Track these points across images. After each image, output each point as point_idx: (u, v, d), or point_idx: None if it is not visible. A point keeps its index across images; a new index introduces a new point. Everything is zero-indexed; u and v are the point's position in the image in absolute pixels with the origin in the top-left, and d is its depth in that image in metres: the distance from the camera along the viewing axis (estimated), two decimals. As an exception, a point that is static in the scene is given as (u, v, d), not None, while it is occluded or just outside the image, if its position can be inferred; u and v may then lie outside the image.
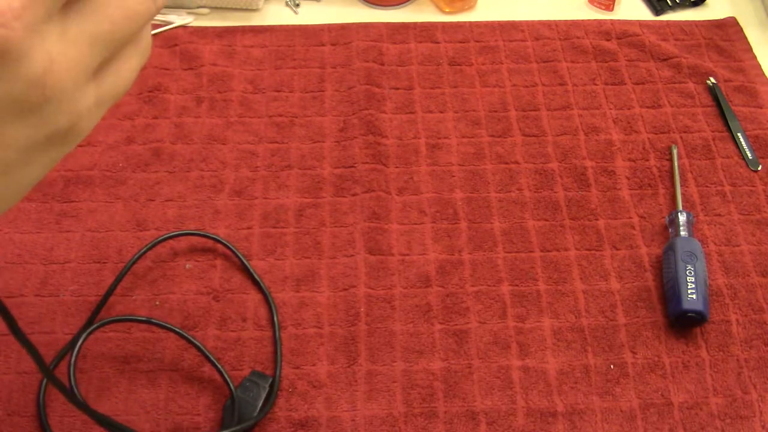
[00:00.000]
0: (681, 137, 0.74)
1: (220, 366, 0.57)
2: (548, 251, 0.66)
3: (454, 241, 0.66)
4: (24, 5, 0.23)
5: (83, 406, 0.42)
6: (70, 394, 0.40)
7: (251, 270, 0.63)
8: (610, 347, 0.61)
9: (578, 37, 0.82)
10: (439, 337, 0.61)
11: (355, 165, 0.71)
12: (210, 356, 0.58)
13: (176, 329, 0.58)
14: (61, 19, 0.25)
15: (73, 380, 0.53)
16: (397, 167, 0.71)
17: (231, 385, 0.57)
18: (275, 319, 0.61)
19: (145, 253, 0.64)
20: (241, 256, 0.64)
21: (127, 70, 0.29)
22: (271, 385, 0.57)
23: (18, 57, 0.24)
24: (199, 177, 0.70)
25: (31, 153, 0.27)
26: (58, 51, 0.25)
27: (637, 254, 0.66)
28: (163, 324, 0.59)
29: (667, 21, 0.84)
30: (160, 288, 0.63)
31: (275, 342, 0.60)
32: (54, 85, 0.25)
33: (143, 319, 0.59)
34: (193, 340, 0.58)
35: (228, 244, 0.65)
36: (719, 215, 0.68)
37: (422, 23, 0.83)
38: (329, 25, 0.83)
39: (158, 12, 0.28)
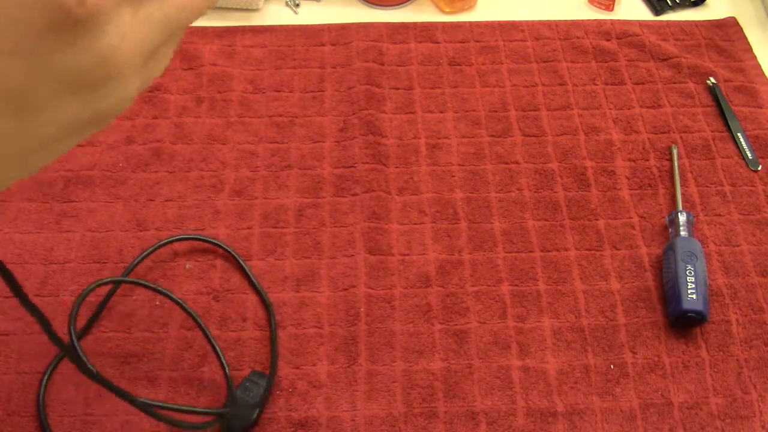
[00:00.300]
0: (681, 137, 0.74)
1: (221, 354, 0.57)
2: (548, 251, 0.66)
3: (454, 241, 0.66)
4: None
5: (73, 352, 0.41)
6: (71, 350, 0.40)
7: (249, 272, 0.63)
8: (610, 347, 0.61)
9: (578, 37, 0.82)
10: (439, 337, 0.61)
11: (355, 165, 0.71)
12: (214, 343, 0.58)
13: (185, 306, 0.58)
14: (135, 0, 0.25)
15: (73, 331, 0.52)
16: (397, 167, 0.71)
17: (228, 378, 0.57)
18: (272, 320, 0.61)
19: (146, 257, 0.64)
20: (239, 259, 0.64)
21: (166, 57, 0.28)
22: (268, 385, 0.57)
23: (99, 27, 0.23)
24: (199, 177, 0.70)
25: (70, 131, 0.26)
26: (128, 30, 0.25)
27: (637, 254, 0.66)
28: (174, 298, 0.59)
29: (667, 21, 0.84)
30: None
31: (272, 342, 0.60)
32: (118, 64, 0.25)
33: (163, 290, 0.59)
34: (201, 323, 0.58)
35: (228, 248, 0.65)
36: (719, 215, 0.68)
37: (422, 23, 0.83)
38: (329, 25, 0.83)
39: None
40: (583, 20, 0.84)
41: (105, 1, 0.23)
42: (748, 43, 0.82)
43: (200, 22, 0.83)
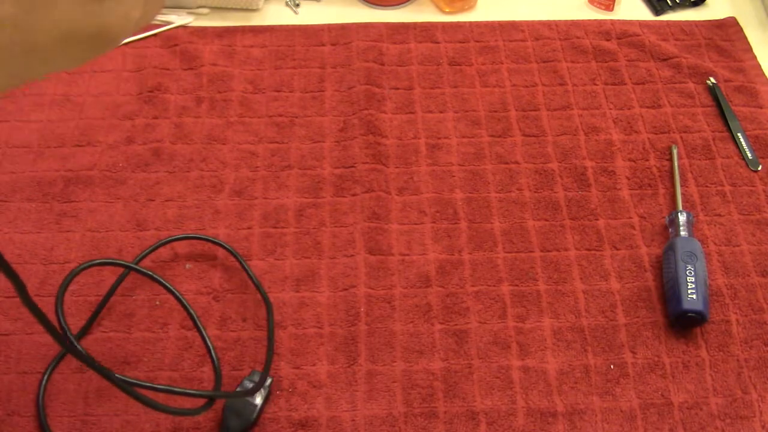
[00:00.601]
0: (681, 137, 0.74)
1: (214, 355, 0.57)
2: (548, 251, 0.66)
3: (454, 241, 0.66)
4: None
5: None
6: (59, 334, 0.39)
7: (250, 272, 0.63)
8: (610, 347, 0.61)
9: (578, 37, 0.82)
10: (439, 337, 0.61)
11: (355, 165, 0.71)
12: (209, 344, 0.58)
13: (181, 298, 0.58)
14: None
15: (61, 313, 0.52)
16: (397, 167, 0.71)
17: (217, 371, 0.56)
18: (270, 318, 0.61)
19: (146, 256, 0.64)
20: (240, 259, 0.64)
21: (160, 2, 0.29)
22: (261, 382, 0.56)
23: None
24: (199, 177, 0.70)
25: (72, 41, 0.27)
26: None
27: (637, 254, 0.66)
28: (171, 288, 0.59)
29: (667, 21, 0.84)
30: (160, 288, 0.63)
31: (269, 341, 0.60)
32: None
33: (165, 282, 0.59)
34: (198, 322, 0.58)
35: (228, 247, 0.65)
36: (719, 215, 0.68)
37: (422, 23, 0.83)
38: (329, 25, 0.83)
39: None
40: (583, 20, 0.84)
41: None
42: (748, 43, 0.82)
43: (200, 22, 0.83)
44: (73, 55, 0.28)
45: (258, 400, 0.56)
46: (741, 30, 0.83)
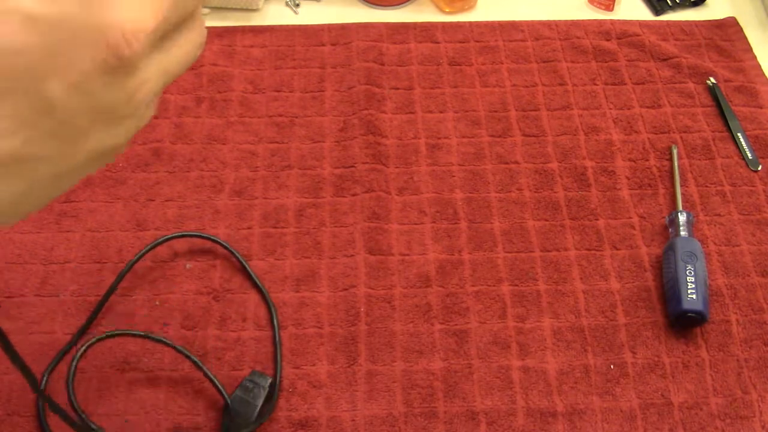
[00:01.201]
0: (681, 137, 0.74)
1: (213, 377, 0.57)
2: (548, 251, 0.66)
3: (454, 241, 0.66)
4: (154, 27, 0.26)
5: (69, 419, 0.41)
6: (61, 411, 0.40)
7: (250, 272, 0.63)
8: (610, 347, 0.61)
9: (578, 37, 0.82)
10: (439, 337, 0.61)
11: (355, 165, 0.71)
12: (205, 369, 0.58)
13: (175, 345, 0.58)
14: (154, 48, 0.28)
15: (72, 395, 0.53)
16: (397, 167, 0.71)
17: (224, 394, 0.56)
18: (275, 320, 0.61)
19: (145, 254, 0.64)
20: (240, 258, 0.64)
21: (153, 107, 0.32)
22: (272, 386, 0.57)
23: (133, 69, 0.27)
24: (199, 177, 0.70)
25: (91, 162, 0.29)
26: (149, 75, 0.28)
27: (637, 254, 0.66)
28: (160, 339, 0.59)
29: (667, 21, 0.84)
30: (160, 288, 0.63)
31: (275, 343, 0.60)
32: (138, 104, 0.28)
33: (141, 333, 0.59)
34: (190, 355, 0.58)
35: (228, 246, 0.65)
36: (719, 215, 0.68)
37: (422, 23, 0.83)
38: (329, 25, 0.83)
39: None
40: (583, 20, 0.84)
41: (142, 49, 0.26)
42: (748, 43, 0.82)
43: (200, 22, 0.82)
44: (87, 171, 0.30)
45: (258, 400, 0.56)
46: (741, 30, 0.83)
